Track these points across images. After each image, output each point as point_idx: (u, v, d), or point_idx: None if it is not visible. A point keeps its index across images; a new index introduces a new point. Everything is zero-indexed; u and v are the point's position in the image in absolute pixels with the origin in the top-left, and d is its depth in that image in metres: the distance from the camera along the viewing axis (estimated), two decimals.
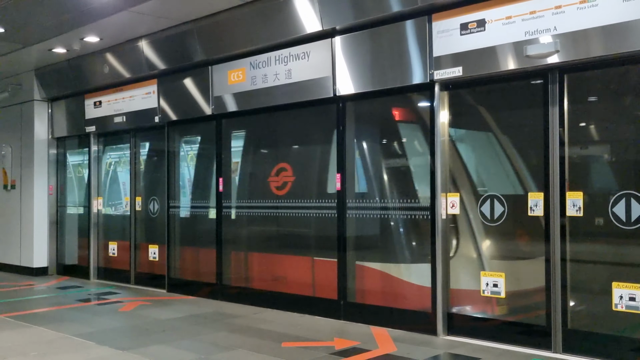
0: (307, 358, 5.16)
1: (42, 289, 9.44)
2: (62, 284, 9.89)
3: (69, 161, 11.10)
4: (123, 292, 9.05)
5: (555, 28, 4.98)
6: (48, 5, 7.33)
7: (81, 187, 10.90)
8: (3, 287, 9.57)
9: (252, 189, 8.16)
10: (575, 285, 5.11)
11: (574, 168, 5.17)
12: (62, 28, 8.24)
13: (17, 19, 7.88)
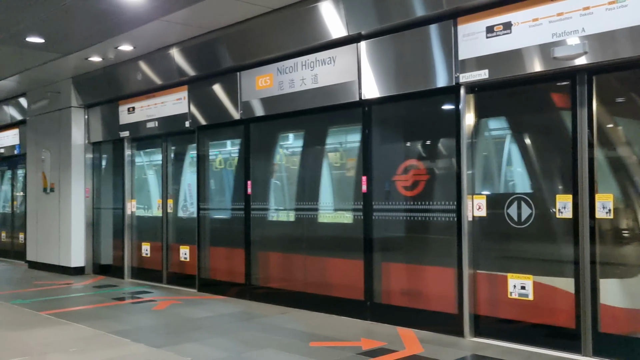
0: (335, 358, 5.11)
1: (79, 288, 9.55)
2: (98, 283, 10.00)
3: (104, 165, 11.19)
4: (156, 291, 9.10)
5: (583, 29, 4.83)
6: (85, 17, 7.39)
7: (116, 189, 10.97)
8: (43, 286, 9.70)
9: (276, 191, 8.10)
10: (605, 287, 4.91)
11: (603, 170, 4.99)
12: (98, 38, 8.32)
13: (56, 30, 7.97)
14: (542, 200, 5.36)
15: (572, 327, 5.04)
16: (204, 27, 7.81)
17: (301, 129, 7.97)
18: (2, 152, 14.14)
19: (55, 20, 7.50)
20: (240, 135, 8.37)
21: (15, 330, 6.29)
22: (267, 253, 8.01)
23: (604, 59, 4.74)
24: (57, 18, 7.42)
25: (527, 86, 5.47)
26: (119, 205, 10.71)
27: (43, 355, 5.26)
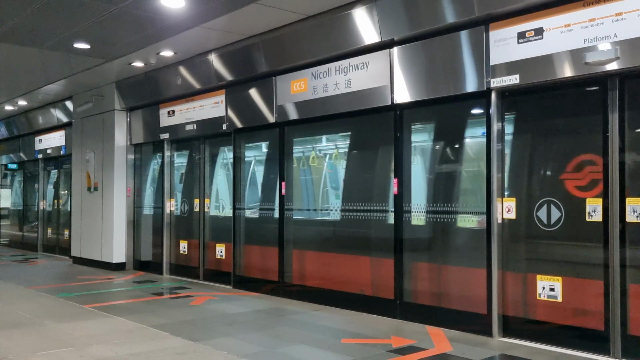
0: (366, 354, 5.09)
1: (120, 283, 9.65)
2: (138, 279, 10.09)
3: (144, 165, 11.31)
4: (193, 287, 9.15)
5: (615, 35, 4.75)
6: (129, 24, 7.47)
7: (156, 189, 11.09)
8: (87, 280, 9.83)
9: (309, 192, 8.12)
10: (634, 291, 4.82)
11: (634, 174, 4.89)
12: (140, 44, 8.41)
13: (101, 37, 8.07)
14: (572, 203, 5.28)
15: (602, 329, 4.96)
16: (241, 33, 7.84)
17: (334, 132, 7.97)
18: (49, 152, 14.34)
19: (101, 27, 7.59)
20: (275, 137, 8.38)
21: (61, 322, 6.37)
22: (300, 251, 8.02)
23: (636, 64, 4.66)
24: (102, 25, 7.51)
25: (559, 91, 5.40)
26: (159, 204, 10.84)
27: (87, 346, 5.32)
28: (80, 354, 5.03)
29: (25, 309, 7.13)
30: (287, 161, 8.22)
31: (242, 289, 8.73)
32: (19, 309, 7.17)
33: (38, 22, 7.47)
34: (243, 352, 5.13)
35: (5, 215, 17.95)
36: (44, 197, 15.17)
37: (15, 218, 17.33)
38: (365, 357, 4.98)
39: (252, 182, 9.13)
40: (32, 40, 8.35)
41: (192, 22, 7.31)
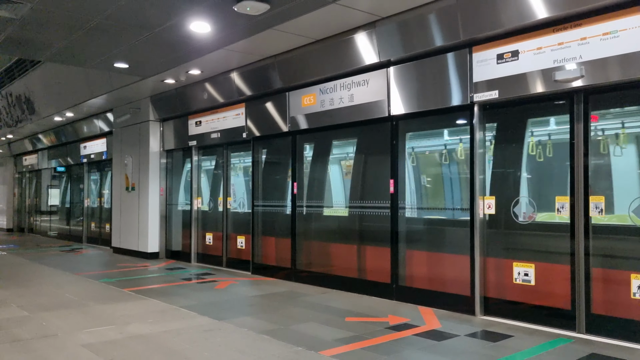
0: (367, 331, 5.13)
1: (154, 270, 9.67)
2: (169, 266, 10.12)
3: (175, 168, 11.36)
4: (217, 273, 9.18)
5: (580, 56, 4.81)
6: (162, 47, 7.52)
7: (184, 189, 11.15)
8: (125, 268, 9.88)
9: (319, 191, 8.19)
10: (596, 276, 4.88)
11: (596, 176, 4.95)
12: (172, 64, 8.46)
13: (138, 58, 8.14)
14: (542, 200, 5.34)
15: (569, 308, 5.02)
16: (258, 54, 7.89)
17: (339, 140, 8.03)
18: (93, 157, 14.41)
19: (138, 49, 7.66)
20: (288, 144, 8.42)
21: (104, 304, 6.41)
22: (310, 242, 8.07)
23: (598, 82, 4.71)
24: (139, 48, 7.58)
25: (532, 104, 5.44)
26: (187, 202, 10.89)
27: (126, 324, 5.36)
28: (120, 331, 5.08)
29: (73, 292, 7.21)
30: (298, 164, 8.27)
31: (260, 275, 8.79)
32: (67, 292, 7.26)
33: (83, 45, 7.53)
34: (261, 329, 5.17)
35: (54, 211, 18.06)
36: (88, 195, 15.23)
37: (63, 214, 17.40)
38: (366, 333, 5.02)
39: (268, 183, 9.21)
40: (78, 60, 8.42)
41: (216, 45, 7.36)
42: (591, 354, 4.37)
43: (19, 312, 5.98)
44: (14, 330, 5.17)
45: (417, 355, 4.36)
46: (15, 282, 8.11)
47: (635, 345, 4.54)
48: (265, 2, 5.69)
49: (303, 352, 4.42)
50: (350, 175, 7.63)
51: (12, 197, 20.96)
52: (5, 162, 21.26)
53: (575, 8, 4.71)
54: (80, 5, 5.95)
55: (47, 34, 7.05)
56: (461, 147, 6.15)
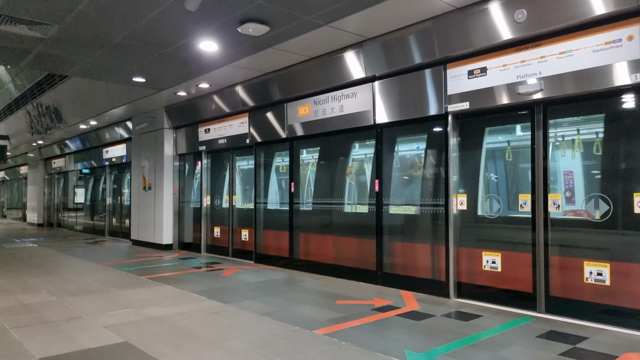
0: (355, 312, 5.15)
1: (168, 259, 9.63)
2: (182, 256, 10.08)
3: (187, 170, 11.33)
4: (224, 262, 9.17)
5: (540, 72, 4.85)
6: (175, 63, 7.51)
7: (195, 188, 11.12)
8: (143, 257, 9.85)
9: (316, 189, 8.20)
10: (554, 263, 4.93)
11: (553, 176, 5.00)
12: (184, 78, 8.45)
13: (154, 72, 8.12)
14: (509, 197, 5.39)
15: (530, 291, 5.06)
16: (260, 70, 7.89)
17: (331, 145, 8.04)
18: (114, 160, 14.36)
19: (153, 65, 7.66)
20: (286, 149, 8.44)
21: (123, 289, 6.41)
22: (305, 234, 8.07)
23: (555, 94, 4.76)
24: (155, 64, 7.58)
25: (498, 114, 5.48)
26: (198, 200, 10.89)
27: (143, 307, 5.36)
28: (138, 314, 5.08)
29: (96, 279, 7.19)
30: (295, 167, 8.29)
31: (262, 264, 8.78)
32: (90, 279, 7.23)
33: (105, 62, 7.53)
34: (262, 311, 5.18)
35: (80, 208, 17.99)
36: (109, 194, 15.17)
37: (87, 210, 17.31)
38: (355, 314, 5.03)
39: (269, 183, 9.21)
40: (100, 75, 8.40)
41: (223, 62, 7.37)
42: (550, 331, 4.42)
43: (49, 297, 5.98)
44: (43, 313, 5.17)
45: (399, 333, 4.39)
46: (45, 271, 8.08)
47: (588, 323, 4.59)
48: (265, 24, 5.71)
49: (299, 330, 4.44)
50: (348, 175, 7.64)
51: (43, 196, 20.89)
52: (37, 164, 21.17)
53: (535, 30, 4.75)
54: (103, 27, 5.95)
55: (72, 52, 7.04)
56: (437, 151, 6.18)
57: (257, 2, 5.13)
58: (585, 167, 4.89)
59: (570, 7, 4.44)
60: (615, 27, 4.32)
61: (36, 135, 17.07)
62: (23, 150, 21.82)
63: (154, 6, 5.28)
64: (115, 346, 4.02)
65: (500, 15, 4.96)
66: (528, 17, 4.74)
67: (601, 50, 4.40)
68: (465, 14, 5.22)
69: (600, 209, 4.60)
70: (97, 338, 4.25)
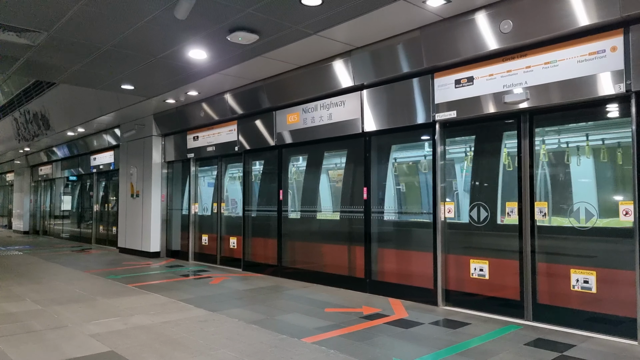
0: (344, 320, 5.09)
1: (156, 267, 9.54)
2: (169, 264, 9.98)
3: (175, 177, 11.23)
4: (212, 270, 9.07)
5: (526, 82, 4.87)
6: (164, 71, 7.46)
7: (183, 195, 11.02)
8: (130, 265, 9.72)
9: (303, 197, 8.15)
10: (541, 270, 4.92)
11: (540, 184, 5.01)
12: (172, 86, 8.39)
13: (143, 80, 8.05)
14: (495, 205, 5.38)
15: (518, 299, 5.04)
16: (249, 78, 7.86)
17: (319, 153, 8.01)
18: (101, 167, 14.21)
19: (142, 73, 7.59)
20: (275, 157, 8.38)
21: (110, 298, 6.30)
22: (293, 242, 8.00)
23: (541, 104, 4.78)
24: (144, 72, 7.51)
25: (485, 123, 5.48)
26: (186, 207, 10.77)
27: (130, 316, 5.28)
28: (125, 322, 4.99)
29: (82, 288, 7.06)
30: (284, 174, 8.23)
31: (250, 272, 8.68)
32: (77, 287, 7.10)
33: (94, 69, 7.44)
34: (250, 319, 5.11)
35: (66, 215, 17.71)
36: (97, 201, 14.99)
37: (74, 218, 17.05)
38: (343, 322, 4.97)
39: (257, 190, 9.14)
40: (89, 82, 8.31)
41: (212, 70, 7.33)
42: (537, 338, 4.39)
43: (33, 305, 5.83)
44: (28, 322, 5.03)
45: (388, 341, 4.33)
46: (30, 279, 7.90)
47: (575, 331, 4.58)
48: (255, 33, 5.68)
49: (287, 339, 4.36)
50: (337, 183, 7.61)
51: (29, 203, 20.51)
52: (23, 172, 20.83)
53: (520, 41, 4.78)
54: (91, 34, 5.87)
55: (61, 59, 6.95)
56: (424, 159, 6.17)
57: (247, 11, 5.09)
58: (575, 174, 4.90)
59: (555, 18, 4.47)
60: (599, 38, 4.36)
61: (23, 142, 16.80)
62: (9, 158, 21.44)
63: (143, 14, 5.22)
64: (101, 355, 3.92)
65: (486, 26, 4.98)
66: (514, 27, 4.77)
67: (586, 61, 4.43)
68: (452, 24, 5.24)
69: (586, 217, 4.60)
70: (82, 347, 4.14)
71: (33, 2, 4.96)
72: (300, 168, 8.30)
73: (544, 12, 4.53)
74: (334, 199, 7.51)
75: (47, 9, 5.11)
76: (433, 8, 5.01)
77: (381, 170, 6.69)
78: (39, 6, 5.05)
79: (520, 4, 4.69)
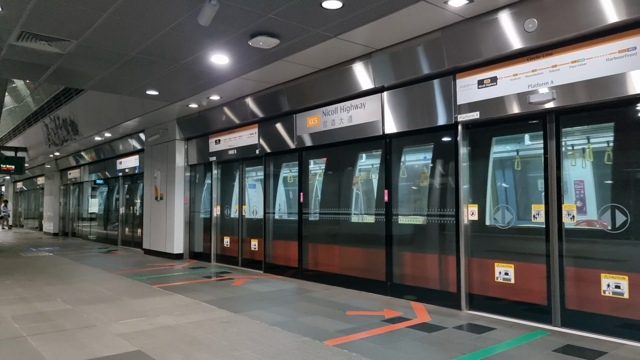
0: (365, 323, 5.02)
1: (179, 269, 9.61)
2: (192, 265, 10.05)
3: (198, 181, 11.30)
4: (234, 272, 9.09)
5: (552, 81, 4.72)
6: (187, 76, 7.52)
7: (205, 198, 11.08)
8: (154, 267, 9.82)
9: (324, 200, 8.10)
10: (570, 275, 4.74)
11: (567, 186, 4.84)
12: (195, 91, 8.47)
13: (167, 85, 8.14)
14: (521, 207, 5.22)
15: (545, 304, 4.88)
16: (269, 82, 7.87)
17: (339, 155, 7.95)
18: (127, 171, 14.40)
19: (166, 79, 7.67)
20: (295, 159, 8.37)
21: (136, 298, 6.36)
22: (315, 244, 7.95)
23: (567, 103, 4.62)
24: (167, 77, 7.59)
25: (509, 124, 5.35)
26: (208, 210, 10.82)
27: (155, 316, 5.31)
28: (150, 322, 5.03)
29: (109, 288, 7.15)
30: (304, 177, 8.20)
31: (271, 274, 8.67)
32: (104, 288, 7.19)
33: (119, 76, 7.56)
34: (272, 321, 5.08)
35: (94, 218, 18.05)
36: (122, 204, 15.21)
37: (100, 220, 17.37)
38: (365, 325, 4.91)
39: (278, 193, 9.13)
40: (115, 89, 8.44)
41: (233, 74, 7.36)
42: (566, 345, 4.23)
43: (63, 305, 5.93)
44: (58, 321, 5.12)
45: (411, 345, 4.23)
46: (60, 279, 8.04)
47: (606, 337, 4.40)
48: (275, 37, 5.66)
49: (309, 341, 4.30)
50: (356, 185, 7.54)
51: (58, 206, 20.99)
52: (53, 176, 21.33)
53: (546, 39, 4.64)
54: (118, 42, 5.95)
55: (89, 67, 7.07)
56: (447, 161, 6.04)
57: (268, 16, 5.07)
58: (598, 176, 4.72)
59: (582, 15, 4.32)
60: (629, 35, 4.18)
61: (53, 147, 17.20)
62: (40, 162, 22.00)
63: (167, 21, 5.26)
64: (128, 355, 3.94)
65: (510, 25, 4.85)
66: (539, 26, 4.63)
67: (615, 59, 4.26)
68: (474, 24, 5.12)
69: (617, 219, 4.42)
70: (110, 346, 4.18)
71: (63, 12, 5.05)
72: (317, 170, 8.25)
73: (570, 10, 4.38)
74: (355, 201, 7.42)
75: (76, 18, 5.20)
76: (455, 8, 4.90)
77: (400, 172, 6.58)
78: (68, 16, 5.14)
79: (545, 2, 4.55)
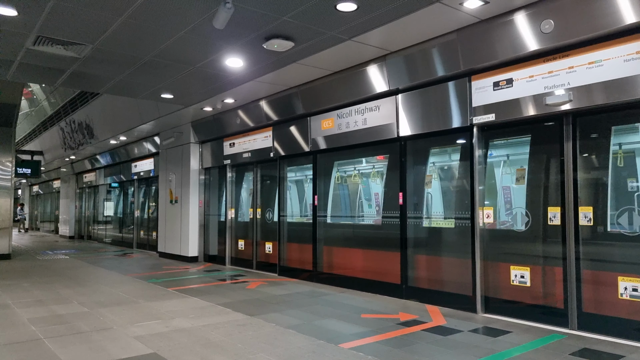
0: (380, 326, 5.05)
1: (194, 271, 9.66)
2: (207, 268, 10.10)
3: (212, 184, 11.39)
4: (248, 275, 9.14)
5: (568, 83, 4.72)
6: (201, 79, 7.60)
7: (220, 201, 11.17)
8: (169, 270, 9.90)
9: (344, 203, 8.14)
10: (586, 278, 4.73)
11: (584, 188, 4.83)
12: (210, 94, 8.54)
13: (182, 89, 8.24)
14: (537, 210, 5.22)
15: (562, 307, 4.87)
16: (284, 85, 7.93)
17: (354, 158, 8.01)
18: (142, 174, 14.58)
19: (181, 82, 7.76)
20: (309, 162, 8.41)
21: (151, 301, 6.43)
22: (329, 247, 7.99)
23: (584, 105, 4.62)
24: (182, 81, 7.68)
25: (525, 126, 5.34)
26: (222, 213, 10.91)
27: (171, 319, 5.36)
28: (166, 325, 5.09)
29: (125, 291, 7.24)
30: (318, 179, 8.24)
31: (286, 276, 8.73)
32: (120, 291, 7.29)
33: (135, 80, 7.67)
34: (287, 324, 5.12)
35: (109, 221, 18.31)
36: (137, 207, 15.39)
37: (116, 223, 17.59)
38: (380, 328, 4.94)
39: (292, 196, 9.18)
40: (130, 92, 8.56)
41: (248, 77, 7.42)
42: (583, 348, 4.22)
43: (80, 308, 6.04)
44: (75, 323, 5.22)
45: (426, 348, 4.26)
46: (76, 282, 8.19)
47: (623, 341, 4.38)
48: (290, 40, 5.74)
49: (324, 344, 4.36)
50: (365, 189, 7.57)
51: (74, 209, 21.34)
52: (69, 179, 21.69)
53: (563, 41, 4.65)
54: (133, 46, 6.08)
55: (105, 71, 7.20)
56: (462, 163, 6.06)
57: (282, 19, 5.16)
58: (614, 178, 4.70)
59: (599, 16, 4.32)
60: None
61: (69, 150, 17.51)
62: (56, 165, 22.41)
63: (183, 25, 5.37)
64: (144, 357, 4.02)
65: (526, 26, 4.87)
66: (555, 27, 4.64)
67: (633, 60, 4.26)
68: (490, 25, 5.15)
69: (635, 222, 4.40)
70: (127, 349, 4.26)
71: (79, 17, 5.19)
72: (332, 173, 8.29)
73: (587, 11, 4.39)
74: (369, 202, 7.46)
75: (92, 22, 5.34)
76: (470, 10, 4.94)
77: (418, 174, 6.61)
78: (84, 20, 5.28)
79: (562, 3, 4.56)
